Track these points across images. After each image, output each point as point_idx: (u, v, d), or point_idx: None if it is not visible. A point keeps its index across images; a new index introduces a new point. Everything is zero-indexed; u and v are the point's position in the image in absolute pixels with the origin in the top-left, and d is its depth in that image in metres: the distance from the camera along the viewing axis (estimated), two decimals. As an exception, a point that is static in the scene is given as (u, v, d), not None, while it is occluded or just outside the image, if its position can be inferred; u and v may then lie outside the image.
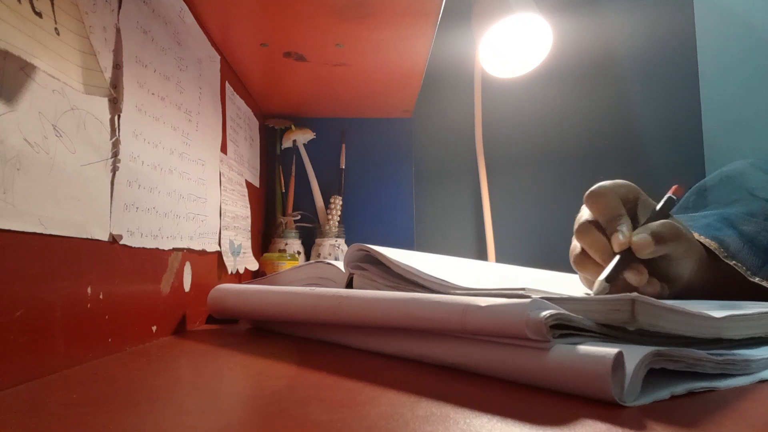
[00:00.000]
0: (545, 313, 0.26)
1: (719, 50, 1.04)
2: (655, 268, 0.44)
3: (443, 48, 1.04)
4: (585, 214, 0.48)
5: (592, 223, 0.46)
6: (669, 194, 0.47)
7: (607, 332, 0.29)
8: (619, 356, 0.24)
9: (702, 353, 0.27)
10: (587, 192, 0.46)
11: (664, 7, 1.09)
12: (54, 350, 0.31)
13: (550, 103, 1.07)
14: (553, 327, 0.27)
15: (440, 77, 1.06)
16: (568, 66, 1.07)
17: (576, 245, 0.49)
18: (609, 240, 0.44)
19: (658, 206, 0.46)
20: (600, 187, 0.46)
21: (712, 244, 0.49)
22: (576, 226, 0.48)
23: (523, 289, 0.35)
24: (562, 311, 0.27)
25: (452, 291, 0.37)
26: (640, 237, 0.42)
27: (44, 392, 0.27)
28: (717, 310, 0.30)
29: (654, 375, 0.26)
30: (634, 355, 0.24)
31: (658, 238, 0.42)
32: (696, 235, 0.50)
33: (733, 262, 0.48)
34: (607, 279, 0.42)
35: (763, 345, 0.33)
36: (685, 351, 0.26)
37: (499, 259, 1.01)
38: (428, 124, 1.07)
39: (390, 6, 0.59)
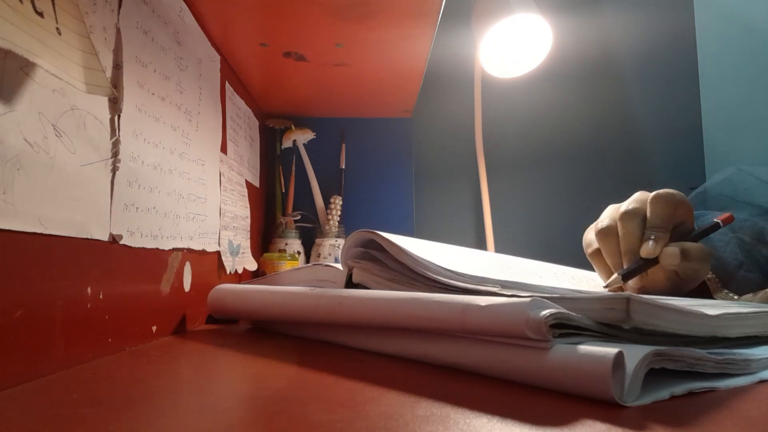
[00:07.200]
0: (545, 312, 0.26)
1: (719, 50, 1.04)
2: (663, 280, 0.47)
3: (443, 48, 1.04)
4: (608, 216, 0.49)
5: (612, 228, 0.47)
6: (717, 219, 0.47)
7: (607, 331, 0.29)
8: (619, 356, 0.24)
9: (702, 352, 0.27)
10: (659, 192, 0.45)
11: (664, 8, 1.09)
12: (54, 350, 0.31)
13: (550, 103, 1.07)
14: (553, 326, 0.27)
15: (440, 77, 1.06)
16: (568, 66, 1.07)
17: (592, 241, 0.51)
18: (620, 241, 0.46)
19: (703, 227, 0.47)
20: (672, 194, 0.45)
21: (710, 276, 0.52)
22: (599, 226, 0.49)
23: (497, 285, 0.35)
24: (562, 310, 0.27)
25: (453, 280, 0.37)
26: (672, 249, 0.44)
27: (44, 392, 0.27)
28: (710, 308, 0.30)
29: (654, 375, 0.26)
30: (635, 355, 0.24)
31: (685, 254, 0.44)
32: None
33: (725, 291, 0.50)
34: (624, 277, 0.45)
35: (762, 344, 0.33)
36: (686, 350, 0.26)
37: (499, 259, 1.01)
38: (428, 124, 1.07)
39: (390, 6, 0.59)
